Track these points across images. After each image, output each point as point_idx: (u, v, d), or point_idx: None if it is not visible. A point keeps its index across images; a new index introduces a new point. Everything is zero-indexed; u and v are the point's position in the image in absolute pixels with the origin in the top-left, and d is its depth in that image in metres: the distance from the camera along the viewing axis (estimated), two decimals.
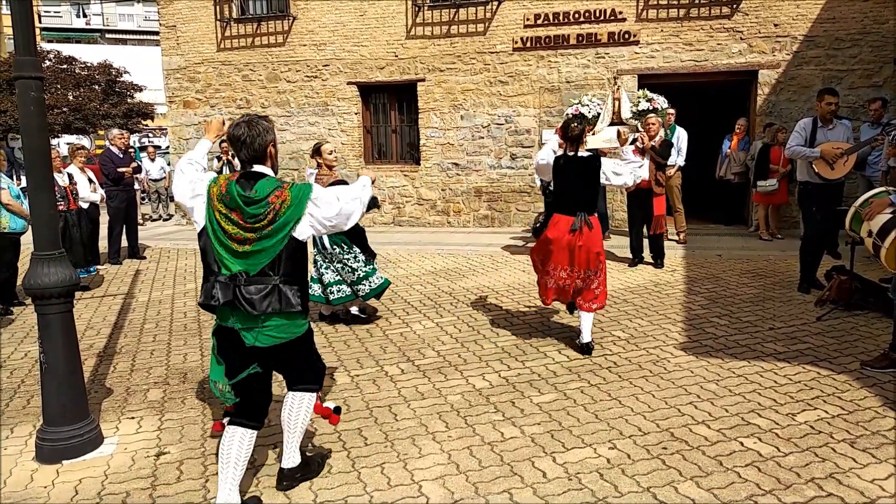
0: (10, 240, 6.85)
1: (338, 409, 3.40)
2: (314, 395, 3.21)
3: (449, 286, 7.33)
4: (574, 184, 4.88)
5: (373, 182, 3.42)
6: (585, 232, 4.81)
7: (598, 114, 8.95)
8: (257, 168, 2.98)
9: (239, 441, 2.95)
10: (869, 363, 4.48)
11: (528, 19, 11.01)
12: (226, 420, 3.07)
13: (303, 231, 2.93)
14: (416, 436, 3.69)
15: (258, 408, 3.05)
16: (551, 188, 6.20)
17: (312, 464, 3.32)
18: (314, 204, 2.94)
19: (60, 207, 7.24)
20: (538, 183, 9.55)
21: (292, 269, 2.93)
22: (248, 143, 2.95)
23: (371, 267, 5.83)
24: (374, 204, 4.59)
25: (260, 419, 3.05)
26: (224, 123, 3.47)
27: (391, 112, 12.33)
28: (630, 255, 8.22)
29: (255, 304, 2.82)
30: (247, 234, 2.84)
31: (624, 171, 5.00)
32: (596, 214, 4.96)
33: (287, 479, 3.19)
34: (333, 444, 3.61)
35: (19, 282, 6.94)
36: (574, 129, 4.87)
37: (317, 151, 5.83)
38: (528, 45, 11.09)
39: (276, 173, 3.06)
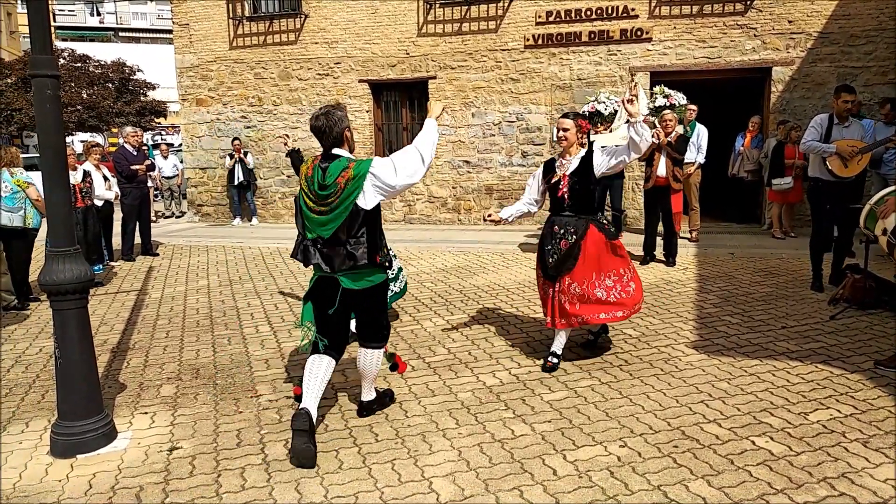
0: (31, 235, 6.91)
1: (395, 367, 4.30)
2: (381, 350, 3.84)
3: (459, 284, 7.33)
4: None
5: (441, 111, 3.83)
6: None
7: (615, 111, 8.91)
8: (336, 151, 3.57)
9: (326, 364, 3.63)
10: (883, 362, 4.45)
11: (539, 16, 10.99)
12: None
13: (368, 200, 3.49)
14: (427, 433, 3.70)
15: (339, 342, 3.72)
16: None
17: (384, 397, 4.08)
18: (373, 176, 3.46)
19: None
20: None
21: (361, 232, 3.50)
22: (328, 132, 3.53)
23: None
24: None
25: (339, 351, 3.73)
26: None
27: (402, 110, 12.34)
28: (642, 253, 8.19)
29: (332, 263, 3.52)
30: (320, 207, 3.50)
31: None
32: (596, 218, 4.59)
33: (365, 409, 3.95)
34: (344, 441, 3.63)
35: (33, 277, 7.01)
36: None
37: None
38: (540, 42, 11.06)
39: (352, 151, 3.66)
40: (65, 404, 3.60)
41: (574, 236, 4.45)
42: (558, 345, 4.65)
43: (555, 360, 4.59)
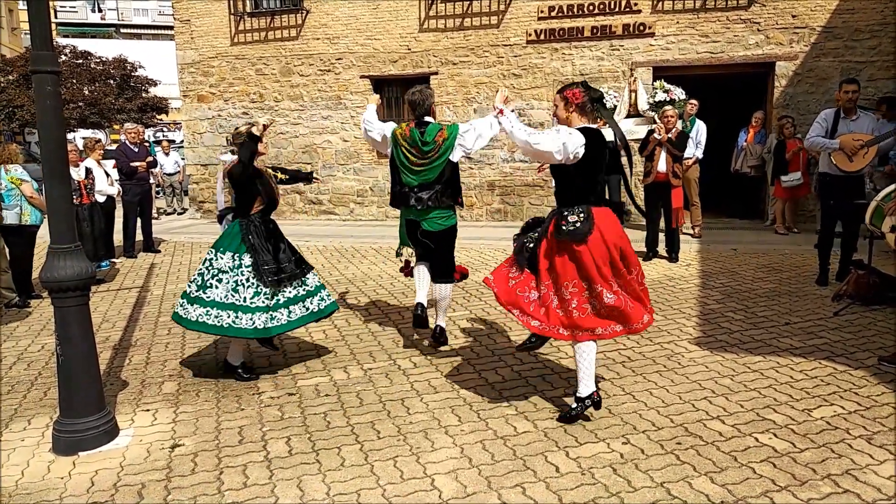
0: (29, 232, 6.92)
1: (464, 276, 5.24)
2: (451, 283, 4.98)
3: (462, 280, 7.31)
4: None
5: (505, 101, 4.05)
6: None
7: (615, 106, 8.89)
8: (427, 119, 4.76)
9: (424, 270, 4.93)
10: (887, 359, 4.43)
11: (541, 11, 10.95)
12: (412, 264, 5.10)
13: (455, 155, 4.68)
14: (429, 430, 3.69)
15: (428, 255, 4.92)
16: None
17: (443, 336, 5.04)
18: (461, 137, 4.65)
19: (73, 201, 7.28)
20: None
21: (449, 180, 4.71)
22: (421, 103, 4.75)
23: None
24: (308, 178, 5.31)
25: (429, 260, 4.92)
26: (378, 100, 5.28)
27: (404, 105, 12.29)
28: (644, 249, 8.17)
29: (425, 202, 4.66)
30: (423, 160, 4.66)
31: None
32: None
33: (440, 336, 5.00)
34: (346, 438, 3.62)
35: (35, 275, 7.01)
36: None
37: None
38: (542, 37, 11.02)
39: (435, 119, 4.81)
40: (66, 402, 3.60)
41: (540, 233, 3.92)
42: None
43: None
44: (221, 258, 4.39)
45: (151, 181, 10.73)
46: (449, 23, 11.50)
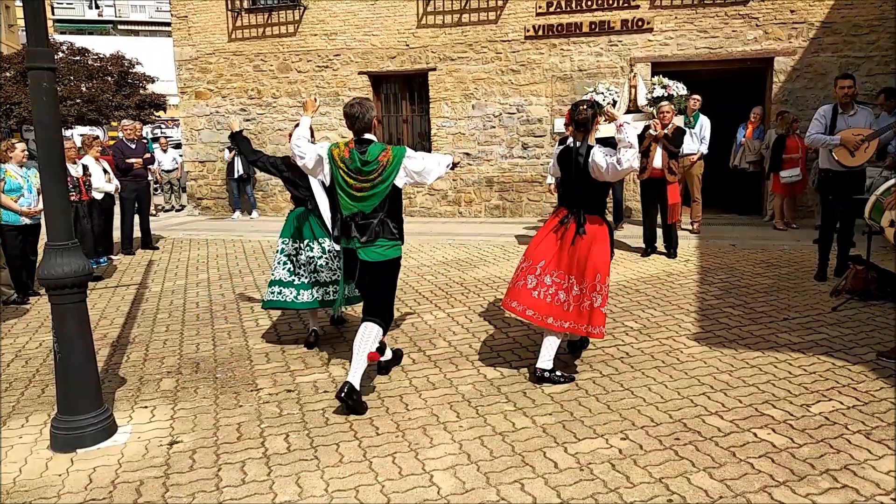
0: (10, 231, 6.79)
1: (381, 350, 4.28)
2: (381, 331, 4.02)
3: (460, 276, 7.32)
4: (573, 177, 4.16)
5: (454, 165, 4.38)
6: (574, 233, 4.10)
7: (614, 101, 8.86)
8: (367, 136, 4.02)
9: (369, 331, 3.95)
10: (885, 354, 4.43)
11: (540, 7, 10.92)
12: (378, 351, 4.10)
13: (400, 180, 4.01)
14: (428, 426, 3.69)
15: (376, 307, 4.05)
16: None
17: (363, 405, 3.97)
18: (407, 160, 3.99)
19: (72, 198, 7.26)
20: (550, 180, 8.58)
21: (392, 208, 4.03)
22: (360, 118, 3.98)
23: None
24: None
25: (377, 317, 4.01)
26: (316, 101, 4.55)
27: (402, 102, 12.30)
28: (643, 245, 8.17)
29: (367, 233, 3.97)
30: (363, 184, 3.95)
31: (608, 158, 4.07)
32: (598, 217, 4.18)
33: (346, 393, 3.82)
34: (345, 434, 3.62)
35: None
36: (581, 113, 4.11)
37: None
38: (540, 33, 11.00)
39: (378, 138, 4.13)
40: (64, 399, 3.59)
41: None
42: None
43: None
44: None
45: (149, 178, 10.71)
46: (447, 18, 11.47)
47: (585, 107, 4.14)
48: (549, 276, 4.16)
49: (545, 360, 4.19)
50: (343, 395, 3.79)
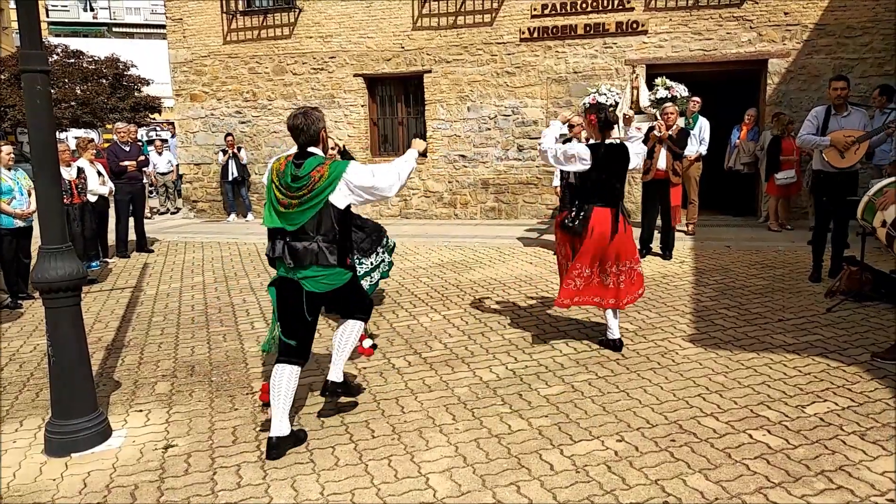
0: (2, 234, 6.77)
1: (374, 346, 4.18)
2: (363, 324, 3.85)
3: (456, 278, 7.32)
4: (611, 174, 4.65)
5: (423, 153, 3.97)
6: (621, 226, 4.65)
7: (616, 103, 8.88)
8: (311, 149, 3.61)
9: (288, 376, 3.53)
10: (879, 355, 4.44)
11: (535, 9, 10.94)
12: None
13: (339, 199, 3.52)
14: (424, 428, 3.69)
15: (304, 348, 3.63)
16: (570, 180, 6.14)
17: (352, 388, 3.99)
18: (349, 177, 3.50)
19: (64, 201, 7.23)
20: (557, 182, 8.61)
21: (330, 231, 3.51)
22: (305, 130, 3.57)
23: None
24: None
25: (305, 357, 3.64)
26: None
27: (398, 104, 12.30)
28: (639, 246, 8.17)
29: (298, 257, 3.49)
30: (291, 200, 3.49)
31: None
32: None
33: (329, 390, 3.76)
34: (340, 437, 3.61)
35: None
36: (614, 114, 4.73)
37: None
38: (536, 35, 11.02)
39: (325, 152, 3.69)
40: (59, 403, 3.58)
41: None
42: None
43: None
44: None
45: (144, 180, 10.69)
46: (442, 21, 11.48)
47: (612, 108, 4.74)
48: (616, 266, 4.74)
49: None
50: (327, 393, 3.79)
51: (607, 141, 4.66)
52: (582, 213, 4.61)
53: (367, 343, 4.08)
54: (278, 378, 3.53)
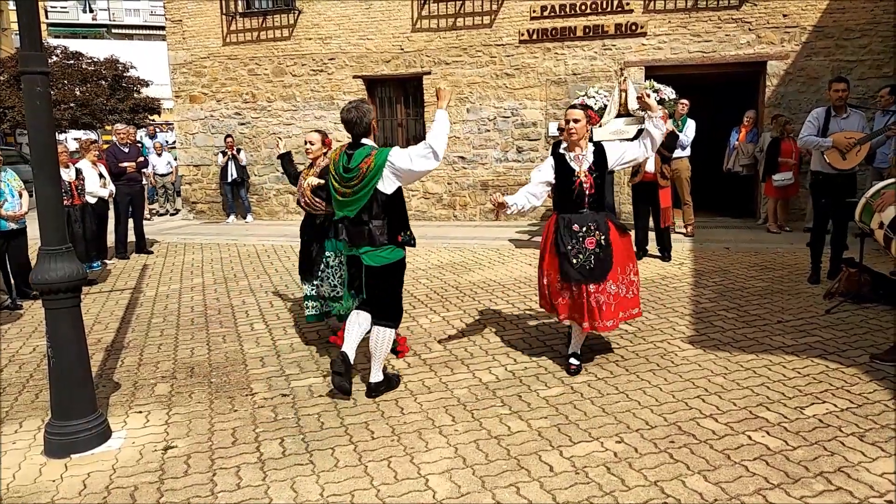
0: None
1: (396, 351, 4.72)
2: (392, 331, 4.16)
3: (455, 280, 7.32)
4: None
5: (450, 97, 4.15)
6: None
7: (605, 106, 8.89)
8: (364, 141, 4.03)
9: (363, 317, 4.12)
10: (878, 356, 4.45)
11: (534, 11, 10.96)
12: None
13: (387, 186, 3.95)
14: (423, 430, 3.69)
15: (382, 309, 4.14)
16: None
17: (392, 380, 4.28)
18: (390, 163, 3.90)
19: (64, 202, 7.22)
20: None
21: (382, 215, 3.97)
22: (358, 122, 4.00)
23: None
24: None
25: (370, 308, 4.15)
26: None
27: (397, 105, 12.30)
28: (634, 249, 8.17)
29: (355, 240, 4.02)
30: (345, 189, 3.98)
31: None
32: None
33: (373, 391, 4.13)
34: (340, 439, 3.61)
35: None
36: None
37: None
38: (535, 37, 11.03)
39: (375, 141, 4.11)
40: (58, 404, 3.58)
41: (602, 234, 4.26)
42: (578, 344, 4.52)
43: (578, 363, 4.47)
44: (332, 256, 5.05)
45: (143, 182, 10.69)
46: (441, 22, 11.49)
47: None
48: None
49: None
50: (372, 394, 4.12)
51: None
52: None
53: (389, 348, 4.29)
54: (353, 316, 4.14)
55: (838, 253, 6.52)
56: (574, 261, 4.24)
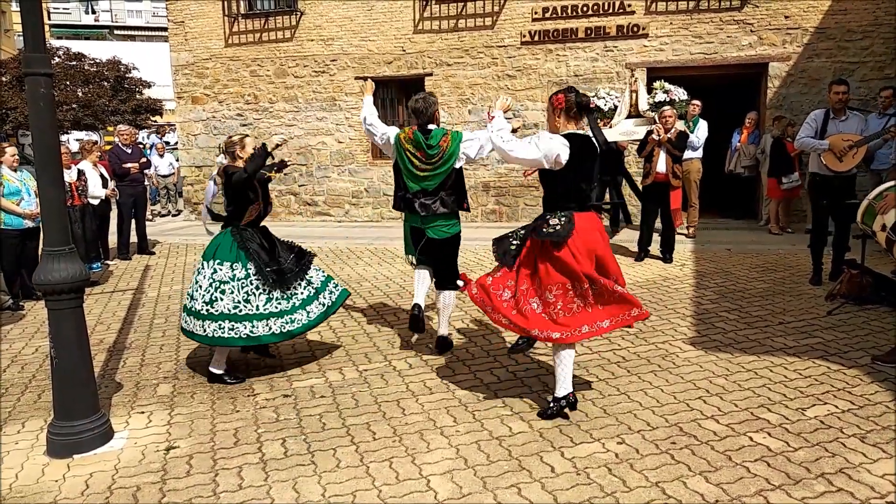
0: (11, 235, 6.81)
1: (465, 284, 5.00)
2: (455, 291, 4.90)
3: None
4: (599, 170, 3.83)
5: (506, 109, 4.05)
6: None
7: (615, 106, 8.89)
8: (430, 126, 4.61)
9: (425, 272, 4.86)
10: (880, 358, 4.45)
11: (536, 13, 10.96)
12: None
13: (459, 162, 4.59)
14: (425, 430, 3.69)
15: (447, 276, 4.88)
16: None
17: (449, 341, 5.01)
18: (464, 144, 4.56)
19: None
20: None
21: (453, 187, 4.62)
22: (424, 111, 4.61)
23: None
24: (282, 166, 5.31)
25: (431, 266, 4.88)
26: (372, 85, 5.17)
27: (399, 107, 12.31)
28: (637, 249, 8.18)
29: (430, 209, 4.57)
30: (426, 165, 4.55)
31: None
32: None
33: (440, 344, 4.94)
34: (342, 440, 3.62)
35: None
36: (585, 95, 3.78)
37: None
38: (537, 38, 11.04)
39: (438, 125, 4.67)
40: (61, 404, 3.59)
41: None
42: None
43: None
44: (220, 269, 4.38)
45: (146, 183, 10.70)
46: (443, 24, 11.50)
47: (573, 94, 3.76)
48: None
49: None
50: (438, 348, 4.90)
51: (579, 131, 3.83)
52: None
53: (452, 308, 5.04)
54: (419, 275, 4.86)
55: (840, 254, 6.52)
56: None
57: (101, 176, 8.60)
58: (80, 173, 8.04)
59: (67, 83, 23.98)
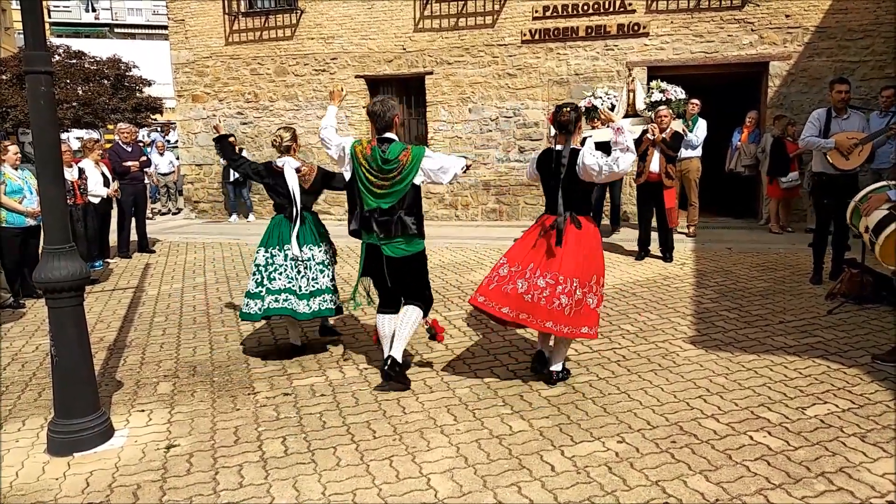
0: (12, 233, 6.83)
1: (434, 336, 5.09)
2: (421, 311, 4.34)
3: (457, 280, 7.33)
4: (561, 180, 4.08)
5: (467, 168, 4.40)
6: (572, 231, 4.05)
7: (613, 106, 8.89)
8: (388, 135, 4.24)
9: (388, 321, 4.34)
10: (880, 357, 4.45)
11: (536, 11, 10.96)
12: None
13: (418, 179, 4.20)
14: (425, 429, 3.69)
15: (391, 300, 4.39)
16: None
17: (405, 378, 4.31)
18: (426, 160, 4.17)
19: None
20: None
21: (411, 205, 4.21)
22: (382, 116, 4.22)
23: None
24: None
25: (395, 307, 4.37)
26: (343, 90, 4.79)
27: (399, 105, 12.30)
28: (637, 248, 8.17)
29: (388, 230, 4.16)
30: (382, 182, 4.15)
31: (601, 160, 4.04)
32: (589, 218, 4.20)
33: (388, 366, 4.19)
34: (342, 438, 3.62)
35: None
36: (564, 115, 4.09)
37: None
38: (537, 37, 11.03)
39: (399, 137, 4.30)
40: (61, 402, 3.59)
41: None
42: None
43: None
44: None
45: (146, 181, 10.70)
46: (444, 22, 11.49)
47: (569, 109, 4.11)
48: (542, 279, 3.99)
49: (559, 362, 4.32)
50: (386, 367, 4.18)
51: (572, 144, 4.13)
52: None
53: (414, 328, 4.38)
54: (380, 325, 4.37)
55: (840, 254, 6.52)
56: None
57: (104, 175, 8.59)
58: (81, 171, 8.04)
59: (68, 81, 23.98)
